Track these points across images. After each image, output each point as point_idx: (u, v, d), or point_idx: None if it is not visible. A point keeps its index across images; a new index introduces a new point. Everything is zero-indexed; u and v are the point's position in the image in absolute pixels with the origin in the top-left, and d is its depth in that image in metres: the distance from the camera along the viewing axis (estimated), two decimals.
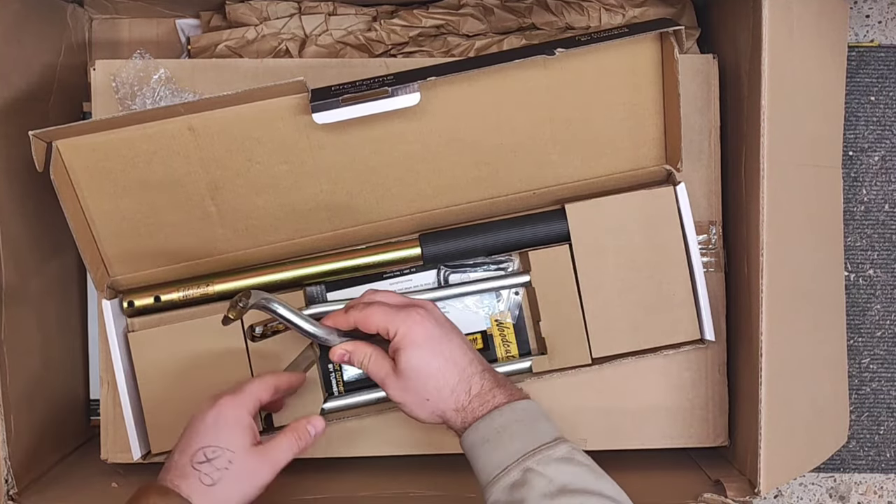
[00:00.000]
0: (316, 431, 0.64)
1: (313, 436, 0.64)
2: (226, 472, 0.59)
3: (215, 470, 0.59)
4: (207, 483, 0.58)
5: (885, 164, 0.93)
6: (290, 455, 0.62)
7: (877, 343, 0.94)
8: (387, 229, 0.74)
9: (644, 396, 0.76)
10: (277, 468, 0.61)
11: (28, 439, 0.73)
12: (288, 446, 0.62)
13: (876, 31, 0.94)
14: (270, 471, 0.61)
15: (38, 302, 0.77)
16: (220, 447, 0.59)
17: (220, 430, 0.60)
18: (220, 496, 0.58)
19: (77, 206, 0.69)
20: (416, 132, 0.70)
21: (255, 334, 0.72)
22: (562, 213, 0.73)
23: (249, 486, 0.60)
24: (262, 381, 0.64)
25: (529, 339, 0.76)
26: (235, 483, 0.59)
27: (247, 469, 0.60)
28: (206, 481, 0.58)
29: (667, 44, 0.69)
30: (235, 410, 0.61)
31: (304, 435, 0.64)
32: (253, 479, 0.60)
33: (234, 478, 0.59)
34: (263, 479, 0.60)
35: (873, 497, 0.95)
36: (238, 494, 0.59)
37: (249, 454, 0.60)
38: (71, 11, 0.87)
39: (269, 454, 0.61)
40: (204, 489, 0.58)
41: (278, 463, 0.61)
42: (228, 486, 0.59)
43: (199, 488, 0.58)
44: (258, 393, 0.63)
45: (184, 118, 0.68)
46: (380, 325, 0.63)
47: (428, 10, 0.86)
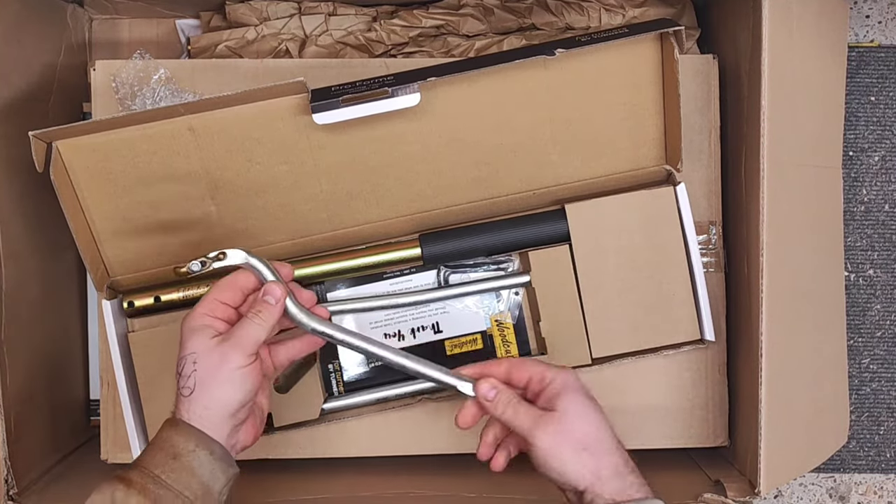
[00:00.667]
0: (276, 298, 0.60)
1: (275, 304, 0.60)
2: (196, 375, 0.57)
3: (187, 378, 0.57)
4: (186, 394, 0.57)
5: (885, 164, 0.93)
6: (258, 329, 0.59)
7: (877, 343, 0.94)
8: (387, 229, 0.74)
9: (644, 396, 0.76)
10: (247, 347, 0.58)
11: (28, 439, 0.73)
12: (248, 322, 0.59)
13: (876, 31, 0.94)
14: (239, 351, 0.58)
15: (38, 302, 0.77)
16: (184, 356, 0.58)
17: (183, 342, 0.59)
18: (202, 398, 0.57)
19: (77, 206, 0.69)
20: (416, 132, 0.70)
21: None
22: (562, 213, 0.73)
23: (225, 375, 0.57)
24: (216, 286, 0.62)
25: (529, 339, 0.76)
26: (209, 379, 0.57)
27: (212, 361, 0.57)
28: (185, 392, 0.57)
29: (667, 44, 0.69)
30: (191, 318, 0.59)
31: (265, 307, 0.60)
32: (224, 366, 0.57)
33: (204, 375, 0.57)
34: (235, 361, 0.57)
35: (873, 497, 0.95)
36: (219, 389, 0.57)
37: (211, 347, 0.58)
38: (71, 11, 0.87)
39: (232, 337, 0.58)
40: (187, 401, 0.57)
41: (244, 342, 0.58)
42: (204, 387, 0.57)
43: (184, 403, 0.57)
44: (215, 295, 0.61)
45: (184, 118, 0.68)
46: (534, 371, 0.63)
47: (428, 10, 0.86)
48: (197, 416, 0.57)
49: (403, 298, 0.74)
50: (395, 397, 0.75)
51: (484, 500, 0.72)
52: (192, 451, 0.56)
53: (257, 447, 0.74)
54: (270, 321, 0.60)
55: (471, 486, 0.73)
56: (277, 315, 0.60)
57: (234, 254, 0.62)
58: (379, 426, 0.75)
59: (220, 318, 0.60)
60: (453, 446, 0.75)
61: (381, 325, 0.76)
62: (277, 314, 0.60)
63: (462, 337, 0.76)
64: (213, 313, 0.60)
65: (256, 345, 0.59)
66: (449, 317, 0.76)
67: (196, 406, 0.57)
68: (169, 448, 0.56)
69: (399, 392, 0.75)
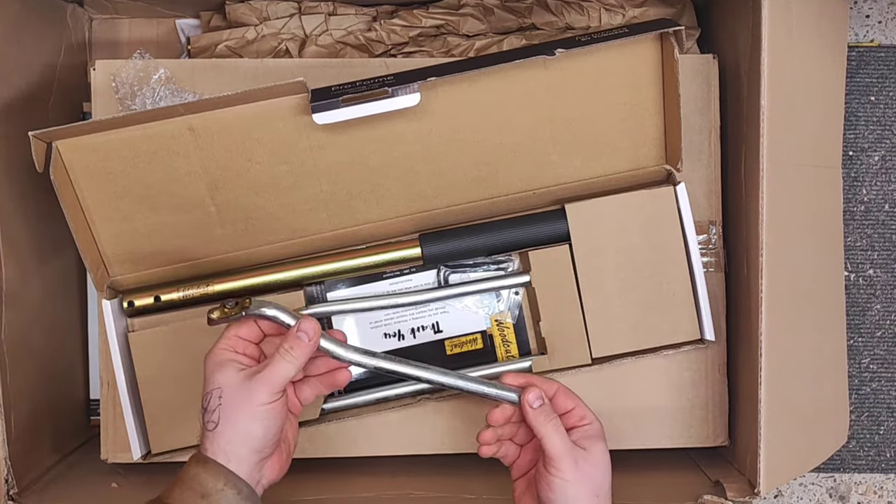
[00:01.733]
0: (308, 336, 0.60)
1: (307, 342, 0.60)
2: (221, 409, 0.57)
3: (212, 412, 0.58)
4: (211, 428, 0.57)
5: (885, 164, 0.93)
6: (288, 367, 0.59)
7: (877, 343, 0.94)
8: (387, 229, 0.74)
9: (644, 396, 0.76)
10: (275, 385, 0.58)
11: (28, 439, 0.73)
12: (279, 359, 0.59)
13: (876, 31, 0.94)
14: (267, 387, 0.57)
15: (38, 302, 0.77)
16: (209, 391, 0.58)
17: (208, 377, 0.59)
18: (226, 433, 0.57)
19: (77, 206, 0.69)
20: (416, 132, 0.70)
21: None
22: (562, 213, 0.73)
23: (251, 411, 0.57)
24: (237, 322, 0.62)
25: (529, 339, 0.76)
26: (233, 414, 0.57)
27: (238, 396, 0.57)
28: (210, 427, 0.58)
29: (667, 44, 0.69)
30: (214, 354, 0.60)
31: (296, 343, 0.59)
32: (250, 402, 0.57)
33: (229, 410, 0.57)
34: (261, 397, 0.57)
35: (873, 497, 0.95)
36: (244, 424, 0.57)
37: (237, 382, 0.58)
38: (71, 11, 0.87)
39: (261, 373, 0.58)
40: (211, 435, 0.57)
41: (273, 378, 0.58)
42: (229, 420, 0.57)
43: (208, 437, 0.57)
44: (234, 331, 0.61)
45: (184, 118, 0.68)
46: (579, 405, 0.65)
47: (428, 10, 0.86)
48: (221, 451, 0.57)
49: (403, 298, 0.74)
50: (395, 397, 0.75)
51: (484, 500, 0.72)
52: (220, 489, 0.56)
53: None
54: (302, 359, 0.59)
55: (471, 487, 0.73)
56: (309, 353, 0.60)
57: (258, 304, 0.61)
58: (379, 426, 0.75)
59: (242, 353, 0.60)
60: (453, 446, 0.75)
61: (381, 325, 0.76)
62: (310, 352, 0.60)
63: (462, 337, 0.76)
64: (234, 348, 0.61)
65: (285, 382, 0.59)
66: (449, 317, 0.76)
67: (220, 440, 0.57)
68: (197, 486, 0.56)
69: (399, 392, 0.75)
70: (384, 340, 0.76)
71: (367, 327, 0.75)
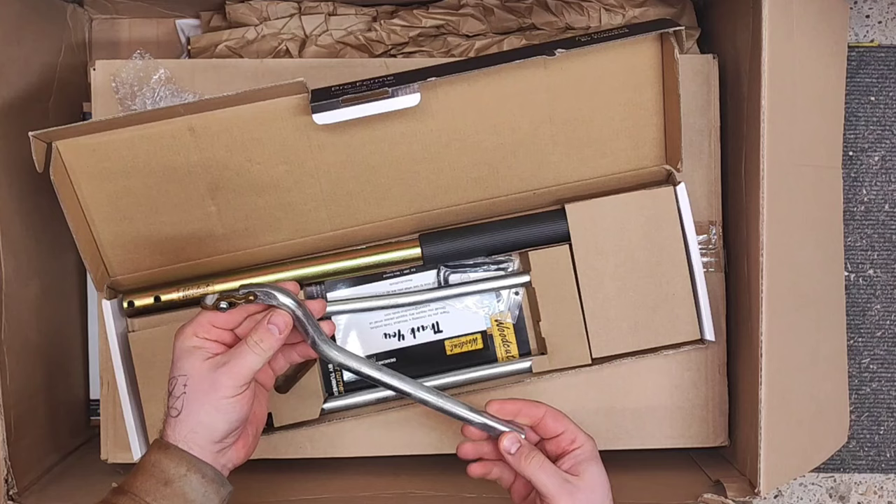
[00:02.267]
0: (279, 330, 0.58)
1: (278, 335, 0.58)
2: (185, 397, 0.56)
3: (176, 399, 0.57)
4: (174, 415, 0.57)
5: (885, 164, 0.93)
6: (254, 359, 0.57)
7: (877, 343, 0.94)
8: (387, 229, 0.74)
9: (644, 396, 0.76)
10: (240, 377, 0.56)
11: (28, 439, 0.73)
12: (247, 350, 0.57)
13: (876, 31, 0.94)
14: (231, 380, 0.56)
15: (38, 302, 0.77)
16: (175, 376, 0.57)
17: (175, 362, 0.58)
18: (189, 422, 0.56)
19: (77, 206, 0.69)
20: (416, 132, 0.70)
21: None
22: (562, 213, 0.73)
23: (213, 403, 0.56)
24: None
25: (529, 339, 0.76)
26: (195, 404, 0.56)
27: (202, 386, 0.56)
28: (173, 413, 0.57)
29: (667, 44, 0.69)
30: (182, 338, 0.58)
31: (267, 337, 0.58)
32: (213, 394, 0.56)
33: (192, 399, 0.56)
34: (225, 390, 0.56)
35: (873, 497, 0.95)
36: (206, 415, 0.56)
37: (203, 371, 0.57)
38: (71, 11, 0.87)
39: (227, 364, 0.57)
40: (173, 422, 0.56)
41: (239, 371, 0.56)
42: (193, 409, 0.56)
43: (171, 423, 0.57)
44: (208, 317, 0.59)
45: (184, 119, 0.68)
46: (569, 428, 0.62)
47: (428, 10, 0.86)
48: (183, 438, 0.56)
49: (403, 298, 0.74)
50: (396, 397, 0.75)
51: (484, 500, 0.72)
52: (183, 475, 0.55)
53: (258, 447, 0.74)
54: (270, 352, 0.58)
55: (470, 487, 0.73)
56: (278, 346, 0.58)
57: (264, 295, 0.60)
58: (379, 426, 0.75)
59: (211, 340, 0.59)
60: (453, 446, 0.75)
61: (381, 325, 0.76)
62: (278, 345, 0.58)
63: (462, 337, 0.76)
64: (205, 334, 0.59)
65: (251, 374, 0.57)
66: (449, 317, 0.76)
67: (183, 428, 0.56)
68: (159, 474, 0.55)
69: None
70: (384, 340, 0.76)
71: (367, 327, 0.75)
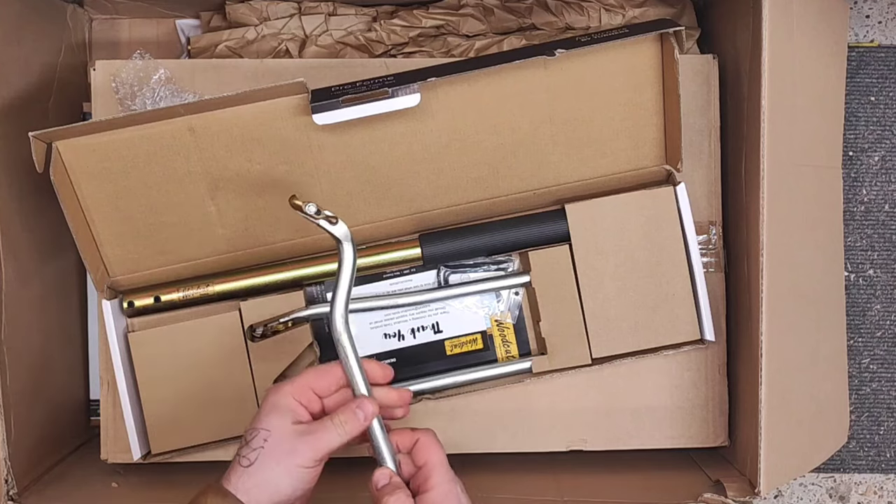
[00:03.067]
0: (365, 415, 0.60)
1: (362, 420, 0.59)
2: (261, 451, 0.57)
3: (251, 451, 0.57)
4: (245, 465, 0.57)
5: (885, 164, 0.93)
6: (336, 439, 0.59)
7: (877, 343, 0.94)
8: (387, 229, 0.74)
9: (644, 396, 0.76)
10: (319, 451, 0.58)
11: (28, 439, 0.73)
12: (332, 428, 0.59)
13: (876, 31, 0.94)
14: (311, 453, 0.58)
15: (38, 302, 0.77)
16: (258, 428, 0.58)
17: (262, 414, 0.59)
18: (256, 476, 0.57)
19: (77, 206, 0.69)
20: (416, 133, 0.70)
21: (255, 334, 0.72)
22: (562, 213, 0.73)
23: (287, 467, 0.57)
24: (314, 371, 0.62)
25: (529, 339, 0.76)
26: (271, 462, 0.57)
27: (282, 448, 0.57)
28: (244, 463, 0.57)
29: (667, 44, 0.69)
30: (279, 395, 0.60)
31: (351, 418, 0.59)
32: (290, 458, 0.57)
33: (268, 456, 0.57)
34: (302, 459, 0.57)
35: (873, 497, 0.95)
36: (276, 476, 0.57)
37: (287, 433, 0.58)
38: (71, 11, 0.87)
39: (310, 434, 0.58)
40: (241, 471, 0.57)
41: (319, 445, 0.58)
42: (264, 466, 0.57)
43: (238, 471, 0.57)
44: (310, 381, 0.61)
45: (184, 119, 0.68)
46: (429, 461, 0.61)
47: (428, 10, 0.86)
48: (245, 490, 0.57)
49: (403, 298, 0.74)
50: None
51: (483, 500, 0.72)
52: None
53: None
54: (352, 434, 0.59)
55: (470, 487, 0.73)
56: (360, 431, 0.60)
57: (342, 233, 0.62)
58: None
59: (304, 406, 0.60)
60: (453, 446, 0.75)
61: (381, 325, 0.76)
62: (360, 430, 0.60)
63: (462, 337, 0.76)
64: (300, 398, 0.60)
65: (329, 451, 0.59)
66: (449, 317, 0.76)
67: (249, 482, 0.57)
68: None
69: None
70: (384, 340, 0.76)
71: (367, 327, 0.75)
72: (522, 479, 0.75)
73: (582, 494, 0.73)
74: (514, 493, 0.73)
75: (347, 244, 0.62)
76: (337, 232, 0.62)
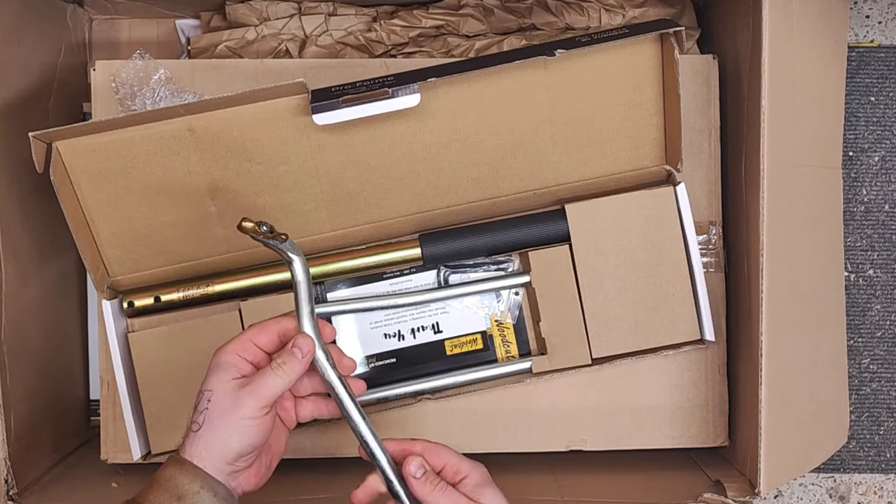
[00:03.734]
0: (302, 353, 0.59)
1: (300, 358, 0.58)
2: (207, 413, 0.56)
3: (199, 414, 0.57)
4: (195, 429, 0.57)
5: (885, 164, 0.93)
6: (278, 382, 0.57)
7: (877, 343, 0.94)
8: (387, 229, 0.74)
9: (644, 396, 0.76)
10: (262, 399, 0.57)
11: (28, 439, 0.73)
12: (270, 373, 0.57)
13: (876, 31, 0.94)
14: (253, 401, 0.56)
15: (38, 302, 0.77)
16: (203, 390, 0.58)
17: (207, 376, 0.58)
18: (206, 437, 0.56)
19: (77, 206, 0.69)
20: (416, 133, 0.70)
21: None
22: (562, 213, 0.73)
23: (233, 422, 0.56)
24: (256, 326, 0.61)
25: (529, 339, 0.76)
26: (216, 421, 0.56)
27: (225, 404, 0.56)
28: (194, 427, 0.57)
29: (667, 44, 0.69)
30: (221, 353, 0.59)
31: (289, 359, 0.58)
32: (234, 413, 0.56)
33: (214, 416, 0.56)
34: (246, 410, 0.56)
35: (873, 497, 0.95)
36: (223, 433, 0.56)
37: (228, 389, 0.57)
38: (71, 12, 0.87)
39: (250, 385, 0.57)
40: (193, 436, 0.57)
41: (261, 392, 0.57)
42: (212, 426, 0.56)
43: (190, 437, 0.57)
44: (251, 336, 0.59)
45: (184, 119, 0.68)
46: (450, 461, 0.60)
47: (428, 10, 0.86)
48: (198, 454, 0.56)
49: (403, 298, 0.74)
50: (395, 397, 0.75)
51: None
52: (196, 492, 0.55)
53: None
54: (293, 375, 0.58)
55: None
56: (301, 370, 0.59)
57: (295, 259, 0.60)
58: (379, 426, 0.75)
59: (248, 360, 0.59)
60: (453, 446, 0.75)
61: (381, 325, 0.76)
62: (302, 369, 0.59)
63: (462, 337, 0.76)
64: (243, 353, 0.59)
65: (274, 397, 0.58)
66: (449, 317, 0.76)
67: (199, 444, 0.56)
68: (173, 489, 0.56)
69: (399, 392, 0.75)
70: (384, 340, 0.76)
71: (368, 327, 0.75)
72: (522, 479, 0.75)
73: (582, 494, 0.73)
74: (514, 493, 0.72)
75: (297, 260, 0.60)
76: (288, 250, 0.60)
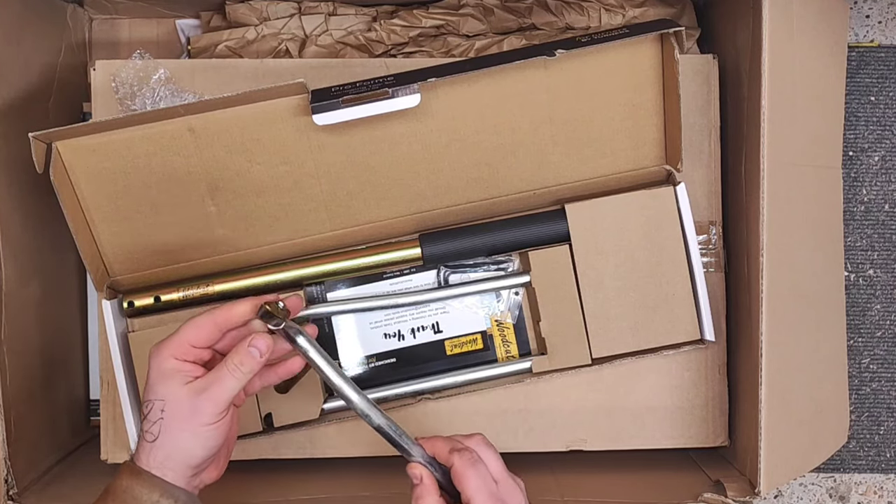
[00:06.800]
0: (260, 353, 0.57)
1: (258, 357, 0.57)
2: (162, 423, 0.55)
3: (152, 424, 0.55)
4: (150, 440, 0.55)
5: (885, 164, 0.93)
6: (234, 384, 0.56)
7: (877, 343, 0.94)
8: (387, 229, 0.74)
9: (644, 396, 0.76)
10: (220, 403, 0.55)
11: (28, 439, 0.73)
12: (227, 374, 0.56)
13: (876, 31, 0.94)
14: (212, 407, 0.55)
15: (38, 302, 0.77)
16: (151, 399, 0.56)
17: (151, 384, 0.56)
18: (166, 448, 0.55)
19: (77, 206, 0.69)
20: (416, 133, 0.70)
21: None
22: (562, 213, 0.73)
23: (193, 430, 0.55)
24: (189, 325, 0.58)
25: (529, 339, 0.76)
26: (178, 430, 0.55)
27: (182, 411, 0.55)
28: (149, 438, 0.55)
29: (667, 44, 0.69)
30: (160, 359, 0.57)
31: (247, 359, 0.56)
32: (193, 420, 0.55)
33: (173, 425, 0.55)
34: (205, 416, 0.55)
35: (873, 497, 0.95)
36: (185, 442, 0.55)
37: (182, 396, 0.55)
38: (71, 11, 0.87)
39: (206, 390, 0.55)
40: (149, 447, 0.55)
41: (219, 397, 0.55)
42: (170, 436, 0.55)
43: (146, 448, 0.56)
44: (186, 337, 0.57)
45: (184, 119, 0.68)
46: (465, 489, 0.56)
47: (428, 10, 0.86)
48: (158, 464, 0.55)
49: (403, 298, 0.74)
50: (395, 397, 0.75)
51: None
52: (156, 501, 0.54)
53: (258, 447, 0.74)
54: (250, 375, 0.57)
55: None
56: (258, 369, 0.57)
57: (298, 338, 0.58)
58: None
59: (190, 362, 0.57)
60: None
61: (381, 325, 0.76)
62: (258, 368, 0.57)
63: (462, 337, 0.76)
64: (183, 356, 0.57)
65: (231, 399, 0.56)
66: (449, 317, 0.76)
67: (159, 454, 0.55)
68: (131, 500, 0.54)
69: (399, 392, 0.75)
70: (384, 340, 0.76)
71: (367, 327, 0.75)
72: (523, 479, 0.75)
73: (582, 494, 0.73)
74: None
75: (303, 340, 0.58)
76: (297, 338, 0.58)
